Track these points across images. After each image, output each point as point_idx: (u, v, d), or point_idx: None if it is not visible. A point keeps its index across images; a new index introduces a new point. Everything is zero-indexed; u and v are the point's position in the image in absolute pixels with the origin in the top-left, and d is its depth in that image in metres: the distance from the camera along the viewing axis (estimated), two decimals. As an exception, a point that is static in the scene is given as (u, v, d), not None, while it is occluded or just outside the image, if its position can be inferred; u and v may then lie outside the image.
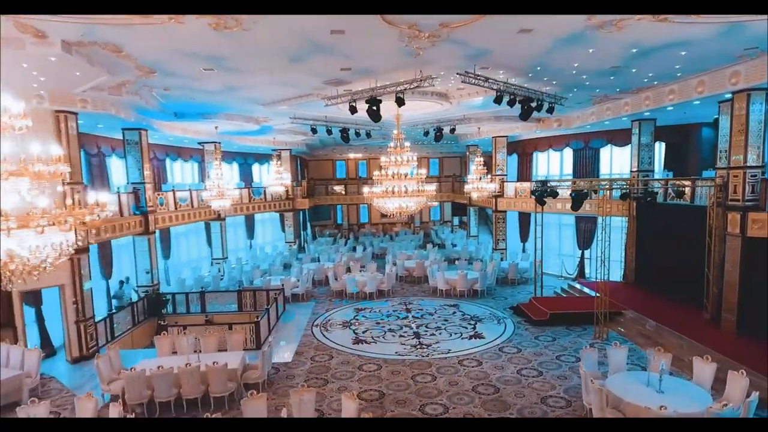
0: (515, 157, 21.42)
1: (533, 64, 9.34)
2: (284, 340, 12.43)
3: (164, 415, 8.41)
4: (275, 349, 11.67)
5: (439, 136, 16.49)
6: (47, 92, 10.01)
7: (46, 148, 4.59)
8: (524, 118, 11.01)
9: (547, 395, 8.85)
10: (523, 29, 7.23)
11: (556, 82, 11.10)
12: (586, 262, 18.21)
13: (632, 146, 15.33)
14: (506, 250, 20.40)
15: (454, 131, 16.91)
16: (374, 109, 10.32)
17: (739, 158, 10.39)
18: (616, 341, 9.37)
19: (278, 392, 9.24)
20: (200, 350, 9.90)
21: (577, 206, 12.26)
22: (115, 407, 6.83)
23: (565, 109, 15.33)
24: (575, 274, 18.13)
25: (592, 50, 8.40)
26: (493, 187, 18.65)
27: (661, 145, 16.51)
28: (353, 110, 10.84)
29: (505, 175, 20.12)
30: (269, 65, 8.96)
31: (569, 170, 18.80)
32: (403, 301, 15.85)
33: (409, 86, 9.65)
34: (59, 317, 11.23)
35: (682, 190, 11.97)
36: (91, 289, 11.52)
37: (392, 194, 12.68)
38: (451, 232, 29.08)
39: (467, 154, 25.86)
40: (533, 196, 14.17)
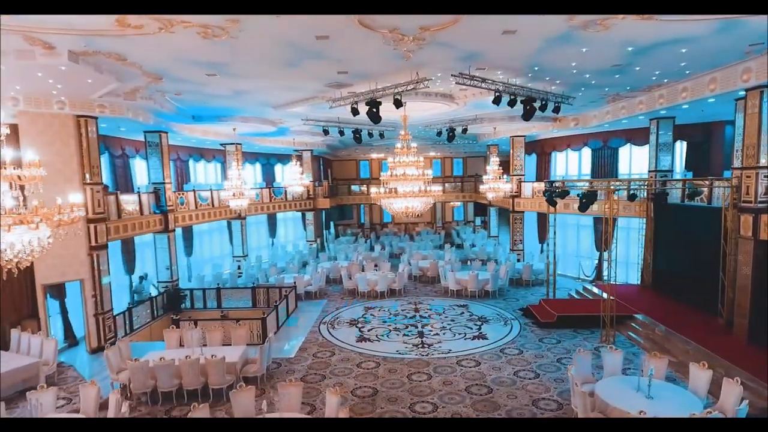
0: (534, 156, 21.12)
1: (530, 64, 9.27)
2: (291, 336, 12.77)
3: (166, 403, 8.85)
4: (281, 344, 12.05)
5: (451, 136, 16.48)
6: (67, 98, 10.69)
7: (21, 154, 4.95)
8: (526, 118, 10.93)
9: (539, 397, 8.79)
10: (506, 31, 7.23)
11: (560, 81, 10.96)
12: (604, 264, 17.75)
13: (650, 146, 14.88)
14: (523, 251, 20.15)
15: (466, 131, 16.83)
16: (374, 111, 10.48)
17: (752, 158, 9.99)
18: (611, 345, 9.18)
19: (275, 386, 9.51)
20: (205, 344, 10.34)
21: (584, 207, 12.04)
22: (113, 395, 7.27)
23: (581, 107, 15.14)
24: (593, 276, 17.74)
25: (585, 49, 8.29)
26: (508, 187, 18.47)
27: (682, 144, 15.96)
28: (355, 112, 11.03)
29: (522, 175, 19.87)
30: (267, 70, 9.27)
31: (588, 170, 18.38)
32: (413, 300, 15.95)
33: (406, 88, 9.75)
34: (81, 310, 11.95)
35: (695, 191, 11.57)
36: (109, 283, 12.17)
37: (397, 195, 12.90)
38: (473, 232, 28.91)
39: (487, 153, 25.65)
40: (544, 196, 13.98)
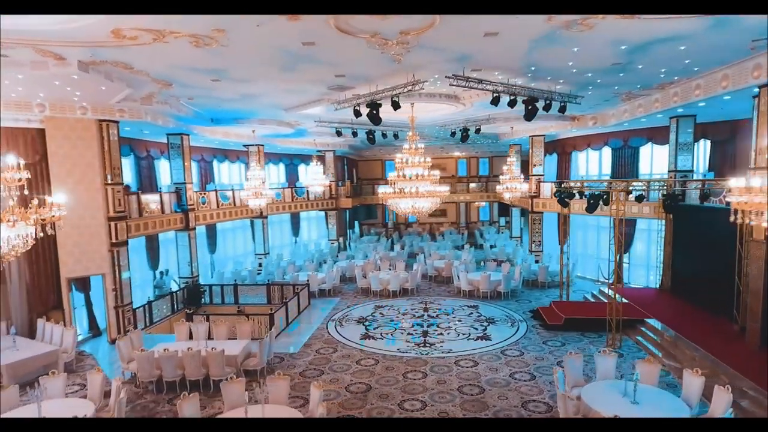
0: (555, 156, 20.73)
1: (525, 64, 9.23)
2: (298, 332, 13.12)
3: (170, 393, 9.34)
4: (288, 340, 12.43)
5: (465, 137, 16.45)
6: (88, 104, 11.41)
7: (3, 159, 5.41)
8: (528, 118, 10.84)
9: (530, 399, 8.76)
10: (488, 33, 7.27)
11: (563, 81, 10.82)
12: (624, 266, 17.29)
13: (670, 145, 14.40)
14: (542, 252, 19.84)
15: (479, 131, 16.76)
16: (374, 113, 10.66)
17: (764, 157, 9.55)
18: (605, 348, 9.02)
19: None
20: (212, 337, 10.84)
21: (592, 209, 11.82)
22: (116, 382, 7.77)
23: (595, 106, 14.85)
24: (612, 278, 17.26)
25: (576, 49, 8.20)
26: (525, 187, 18.24)
27: (706, 143, 15.32)
28: (357, 114, 11.25)
29: (542, 175, 19.55)
30: (266, 75, 9.62)
31: (608, 170, 17.91)
32: (424, 300, 16.03)
33: (403, 90, 9.88)
34: (103, 302, 12.72)
35: (707, 192, 11.16)
36: (129, 278, 12.88)
37: (403, 195, 13.00)
38: (497, 232, 28.62)
39: (511, 153, 25.34)
40: (555, 197, 13.80)
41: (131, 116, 12.17)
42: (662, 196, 12.63)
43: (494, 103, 10.21)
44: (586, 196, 11.92)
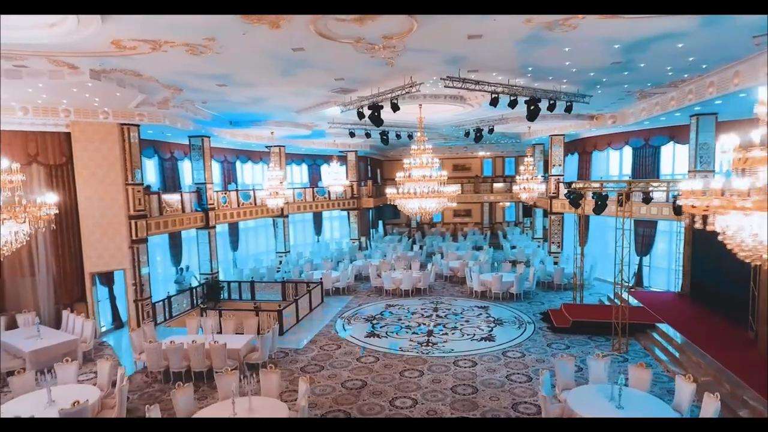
0: (576, 156, 20.30)
1: (521, 65, 9.19)
2: (306, 328, 13.46)
3: (177, 382, 9.82)
4: (296, 336, 12.79)
5: (478, 137, 16.39)
6: (110, 109, 12.11)
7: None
8: (530, 118, 10.76)
9: (521, 401, 8.74)
10: (471, 35, 7.32)
11: (566, 80, 10.67)
12: (644, 270, 16.80)
13: (690, 145, 13.91)
14: (561, 253, 19.48)
15: (492, 131, 16.66)
16: (375, 114, 10.86)
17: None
18: (598, 352, 8.85)
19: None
20: (220, 331, 11.30)
21: (599, 210, 11.59)
22: (120, 370, 8.30)
23: (611, 105, 14.53)
24: (632, 282, 16.81)
25: (568, 49, 8.11)
26: (542, 187, 17.98)
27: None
28: (360, 116, 11.46)
29: (561, 175, 19.20)
30: (267, 79, 9.97)
31: (629, 170, 17.41)
32: (435, 300, 16.09)
33: (401, 93, 10.02)
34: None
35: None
36: (148, 273, 13.57)
37: (411, 195, 13.12)
38: (521, 233, 28.23)
39: (534, 152, 24.95)
40: (566, 198, 13.58)
41: (150, 120, 12.82)
42: (673, 197, 12.21)
43: (493, 104, 10.21)
44: (593, 197, 11.68)
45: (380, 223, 31.10)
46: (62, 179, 12.32)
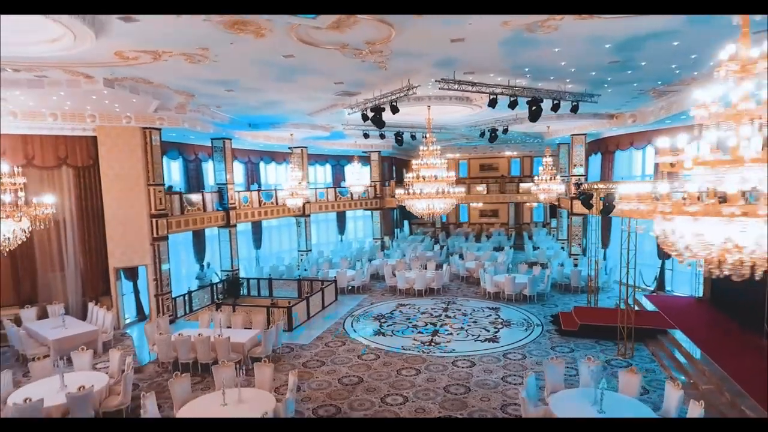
0: (599, 156, 19.78)
1: (514, 66, 9.16)
2: (316, 325, 13.81)
3: (185, 373, 10.36)
4: (305, 332, 13.16)
5: (493, 137, 16.31)
6: (132, 114, 12.86)
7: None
8: (532, 119, 10.69)
9: (512, 402, 8.74)
10: (454, 39, 7.41)
11: (570, 80, 10.53)
12: (667, 273, 16.23)
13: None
14: (581, 255, 19.05)
15: (506, 131, 16.51)
16: (377, 117, 11.08)
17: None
18: (590, 356, 8.71)
19: (277, 368, 10.61)
20: (230, 325, 11.82)
21: (606, 212, 11.35)
22: (127, 359, 8.88)
23: (629, 104, 14.19)
24: (653, 286, 16.29)
25: (557, 49, 8.05)
26: (561, 188, 17.67)
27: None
28: (365, 118, 11.70)
29: (582, 175, 18.78)
30: (269, 85, 10.36)
31: (651, 170, 16.84)
32: (447, 300, 16.12)
33: (399, 95, 10.19)
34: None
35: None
36: (168, 269, 14.29)
37: (419, 196, 13.24)
38: (547, 234, 27.71)
39: (559, 152, 24.48)
40: (578, 199, 13.35)
41: (170, 124, 13.52)
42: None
43: (491, 105, 10.20)
44: (601, 199, 11.45)
45: (406, 222, 31.23)
46: (89, 180, 13.17)
